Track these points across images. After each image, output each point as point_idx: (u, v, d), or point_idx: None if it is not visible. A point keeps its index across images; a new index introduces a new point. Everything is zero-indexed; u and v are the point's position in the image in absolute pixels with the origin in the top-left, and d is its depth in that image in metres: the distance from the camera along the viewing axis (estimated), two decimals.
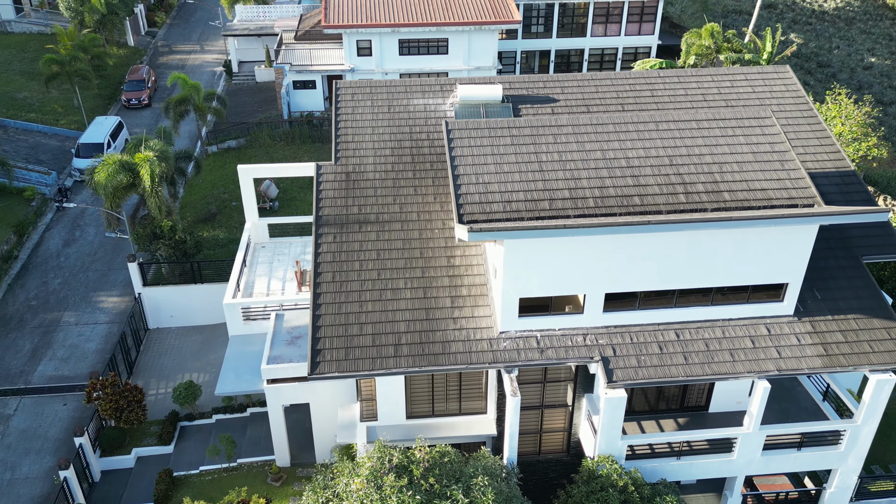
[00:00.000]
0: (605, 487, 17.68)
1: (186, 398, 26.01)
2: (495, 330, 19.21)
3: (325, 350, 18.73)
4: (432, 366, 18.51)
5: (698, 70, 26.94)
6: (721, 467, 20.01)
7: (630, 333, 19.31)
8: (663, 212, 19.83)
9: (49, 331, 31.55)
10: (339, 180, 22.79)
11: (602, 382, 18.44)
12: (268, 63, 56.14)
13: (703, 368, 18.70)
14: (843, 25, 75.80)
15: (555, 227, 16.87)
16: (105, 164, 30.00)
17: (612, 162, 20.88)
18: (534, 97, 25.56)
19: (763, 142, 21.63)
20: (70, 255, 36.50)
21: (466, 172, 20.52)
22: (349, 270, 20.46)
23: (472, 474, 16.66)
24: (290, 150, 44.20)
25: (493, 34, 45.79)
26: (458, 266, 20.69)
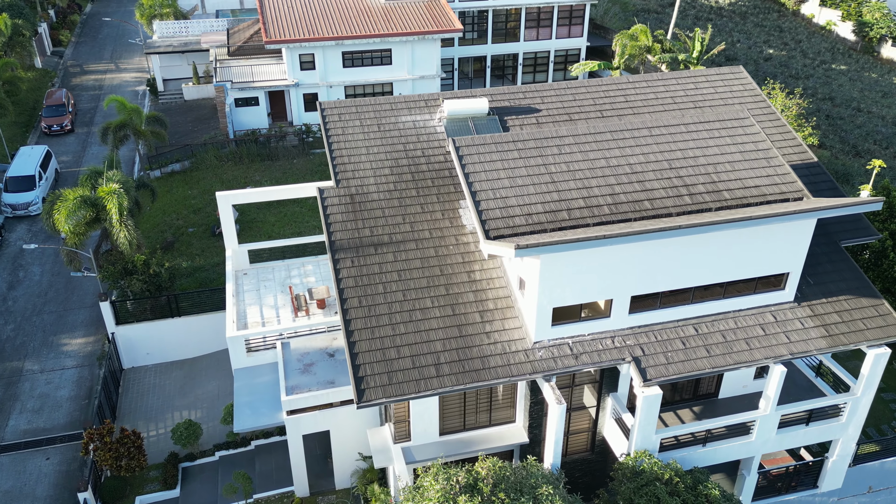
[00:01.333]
0: (652, 481, 18.50)
1: (188, 438, 25.02)
2: (528, 340, 19.64)
3: (367, 377, 18.58)
4: (475, 382, 18.74)
5: (663, 74, 28.36)
6: (741, 449, 21.31)
7: (653, 332, 20.24)
8: (673, 214, 20.94)
9: (12, 382, 29.40)
10: (344, 203, 22.57)
11: (637, 381, 19.25)
12: (195, 80, 54.29)
13: (725, 359, 19.87)
14: (739, 20, 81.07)
15: (595, 238, 17.47)
16: (63, 200, 28.27)
17: (617, 169, 21.79)
18: (517, 108, 26.16)
19: (747, 141, 23.14)
20: (18, 299, 34.08)
21: (483, 188, 20.88)
22: (374, 294, 20.35)
23: (534, 484, 17.03)
24: (240, 170, 42.96)
25: (436, 43, 46.19)
26: (479, 280, 20.99)
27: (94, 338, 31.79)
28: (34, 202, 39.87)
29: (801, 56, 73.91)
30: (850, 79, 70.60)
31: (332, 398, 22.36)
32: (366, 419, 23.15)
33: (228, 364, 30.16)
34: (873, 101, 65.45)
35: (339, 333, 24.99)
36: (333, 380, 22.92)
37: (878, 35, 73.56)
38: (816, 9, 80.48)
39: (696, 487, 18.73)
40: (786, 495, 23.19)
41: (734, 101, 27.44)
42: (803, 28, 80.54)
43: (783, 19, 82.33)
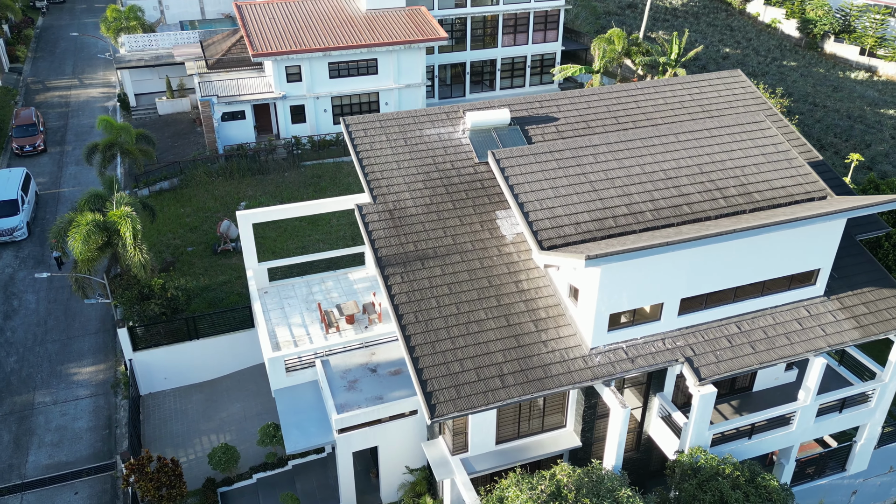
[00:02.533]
0: (714, 476, 19.20)
1: (227, 463, 24.63)
2: (585, 347, 20.11)
3: (436, 392, 18.73)
4: (540, 390, 19.10)
5: (668, 80, 29.26)
6: (783, 439, 22.26)
7: (700, 332, 20.97)
8: (711, 217, 21.74)
9: (25, 416, 28.35)
10: (384, 219, 22.62)
11: (692, 381, 19.93)
12: (169, 94, 53.18)
13: (769, 354, 20.74)
14: (693, 20, 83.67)
15: (661, 245, 18.03)
16: (77, 225, 27.43)
17: (653, 175, 22.49)
18: (536, 117, 26.65)
19: (767, 143, 24.16)
20: (16, 329, 32.82)
21: (529, 200, 21.28)
22: (428, 308, 20.50)
23: (610, 488, 17.49)
24: (231, 186, 42.27)
25: (421, 52, 46.37)
26: (527, 290, 21.36)
27: (105, 365, 30.90)
28: (19, 227, 38.42)
29: (754, 54, 76.68)
30: (801, 75, 73.56)
31: (383, 413, 22.39)
32: (413, 433, 23.25)
33: (250, 384, 29.82)
34: (826, 96, 68.41)
35: (377, 348, 25.01)
36: (381, 395, 22.95)
37: (822, 31, 76.87)
38: (761, 7, 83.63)
39: (753, 480, 19.51)
40: (818, 480, 24.29)
41: (738, 104, 28.50)
42: (751, 27, 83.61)
43: (731, 18, 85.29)
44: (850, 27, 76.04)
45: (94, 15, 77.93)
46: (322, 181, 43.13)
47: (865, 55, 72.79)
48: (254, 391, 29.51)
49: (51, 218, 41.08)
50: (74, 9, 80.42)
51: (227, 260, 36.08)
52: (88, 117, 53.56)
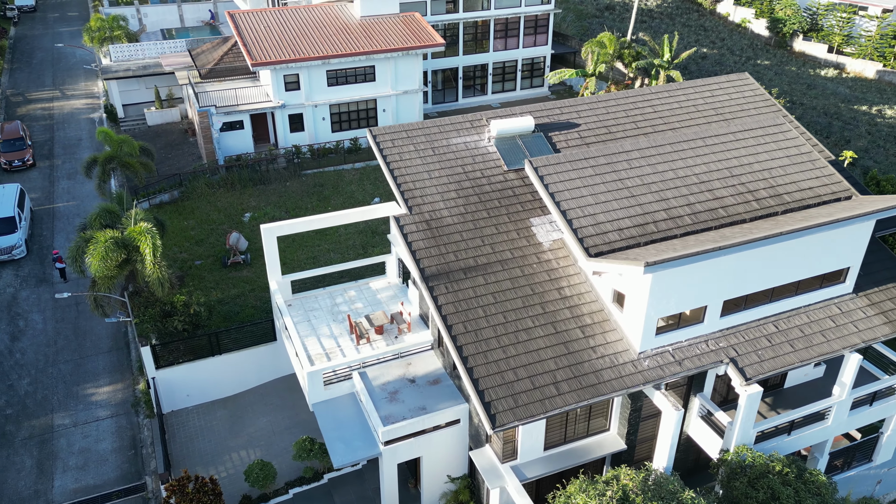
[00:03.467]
0: (765, 474, 19.64)
1: (265, 479, 24.37)
2: (633, 351, 20.40)
3: (494, 402, 18.83)
4: (595, 396, 19.33)
5: (680, 84, 29.77)
6: (819, 434, 22.84)
7: (741, 332, 21.42)
8: (746, 220, 22.23)
9: (45, 439, 27.67)
10: (422, 230, 22.65)
11: (738, 381, 20.35)
12: (158, 104, 52.35)
13: (808, 352, 21.28)
14: (669, 21, 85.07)
15: (715, 250, 18.39)
16: (95, 243, 26.87)
17: (686, 179, 22.91)
18: (558, 124, 26.92)
19: (790, 145, 24.78)
20: (26, 351, 32.01)
21: (571, 207, 21.51)
22: (476, 318, 20.59)
23: (673, 490, 17.79)
24: (234, 197, 41.77)
25: (418, 58, 46.40)
26: (570, 297, 21.58)
27: (122, 384, 30.31)
28: (17, 245, 37.47)
29: (729, 54, 78.21)
30: (775, 73, 75.25)
31: (427, 424, 22.40)
32: (454, 442, 23.29)
33: (274, 398, 29.54)
34: (802, 94, 70.09)
35: (413, 359, 25.01)
36: (424, 406, 22.95)
37: (791, 30, 78.76)
38: (731, 7, 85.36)
39: (801, 475, 20.01)
40: (847, 472, 24.96)
41: (749, 107, 29.13)
42: (723, 26, 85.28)
43: (703, 18, 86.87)
44: (818, 26, 78.02)
45: (67, 24, 76.30)
46: (325, 190, 42.87)
47: (833, 53, 74.72)
48: (279, 405, 29.24)
49: (48, 235, 40.15)
50: (46, 18, 78.61)
51: (237, 273, 35.66)
52: (75, 129, 52.45)
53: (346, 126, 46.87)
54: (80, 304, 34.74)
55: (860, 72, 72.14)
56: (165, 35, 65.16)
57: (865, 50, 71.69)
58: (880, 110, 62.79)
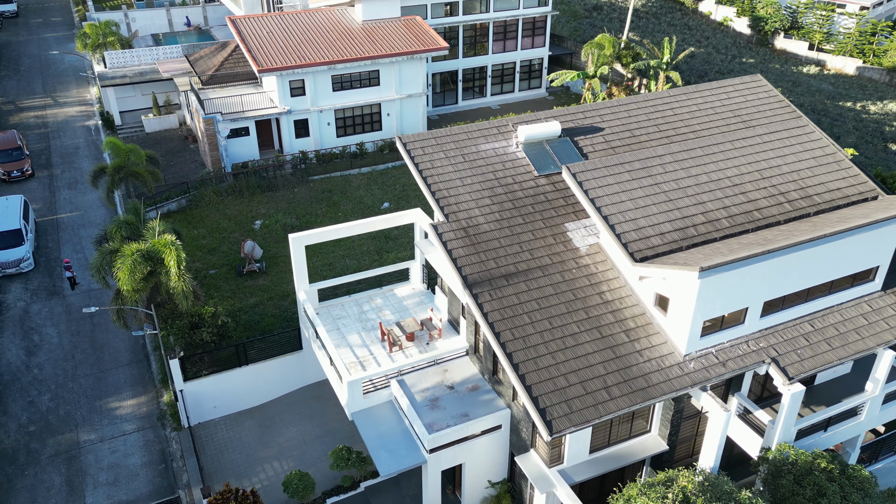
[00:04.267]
0: (810, 471, 20.05)
1: (305, 490, 24.30)
2: (678, 354, 20.70)
3: (548, 409, 18.99)
4: (646, 400, 19.58)
5: (696, 86, 30.14)
6: (853, 429, 23.36)
7: (779, 332, 21.82)
8: (781, 221, 22.66)
9: (72, 456, 27.28)
10: (460, 237, 22.75)
11: (781, 380, 20.74)
12: (156, 111, 51.75)
13: (845, 350, 21.75)
14: (654, 20, 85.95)
15: (763, 253, 18.74)
16: (123, 256, 26.55)
17: (719, 182, 23.27)
18: (582, 128, 27.16)
19: (815, 147, 25.28)
20: (43, 366, 31.51)
21: (612, 213, 21.76)
22: (522, 325, 20.74)
23: (728, 490, 18.11)
24: (242, 204, 41.44)
25: (422, 62, 46.42)
26: (611, 301, 21.83)
27: (146, 397, 29.99)
28: (25, 258, 36.84)
29: (715, 52, 79.21)
30: (760, 71, 76.34)
31: (471, 430, 22.51)
32: (495, 448, 23.44)
33: (301, 408, 29.44)
34: (789, 91, 71.22)
35: (448, 365, 25.10)
36: (466, 412, 23.07)
37: (772, 28, 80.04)
38: (713, 6, 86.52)
39: (844, 471, 20.46)
40: (874, 464, 25.55)
41: (765, 108, 29.61)
42: (706, 25, 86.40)
43: (687, 17, 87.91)
44: (798, 24, 79.43)
45: (52, 30, 75.04)
46: (333, 195, 42.72)
47: (814, 50, 76.02)
48: (307, 414, 29.16)
49: (53, 247, 39.52)
50: (29, 24, 77.22)
51: (253, 281, 35.42)
52: (71, 138, 51.65)
53: (351, 131, 46.75)
54: (94, 316, 34.29)
55: (840, 68, 73.49)
56: (157, 40, 64.42)
57: (845, 47, 73.06)
58: (864, 106, 64.05)
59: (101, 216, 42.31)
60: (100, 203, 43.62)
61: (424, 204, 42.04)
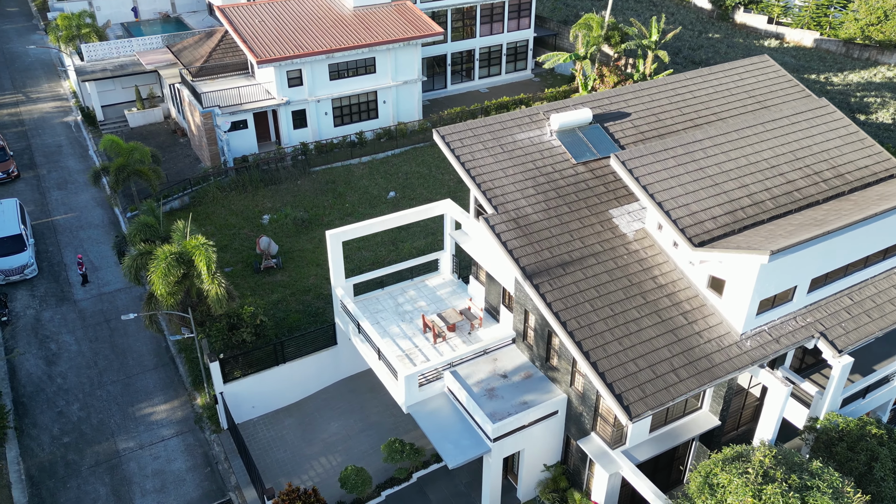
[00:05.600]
0: (862, 437, 21.14)
1: (363, 485, 24.47)
2: (735, 333, 21.45)
3: (624, 394, 19.54)
4: (713, 379, 20.29)
5: (710, 69, 30.83)
6: (886, 395, 24.62)
7: (822, 307, 22.77)
8: (820, 201, 23.54)
9: (114, 465, 26.84)
10: (511, 228, 23.00)
11: (830, 353, 21.71)
12: (140, 105, 50.28)
13: (884, 320, 22.85)
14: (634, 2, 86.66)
15: (827, 233, 19.49)
16: (157, 260, 26.01)
17: (758, 165, 24.01)
18: (610, 114, 27.61)
19: (838, 126, 26.23)
20: (66, 375, 30.74)
21: (665, 199, 22.27)
22: (586, 313, 21.19)
23: (799, 462, 18.98)
24: (247, 199, 40.80)
25: (417, 47, 46.11)
26: (665, 285, 22.43)
27: (178, 401, 29.59)
28: (29, 264, 35.68)
29: (683, 29, 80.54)
30: (727, 46, 77.87)
31: (532, 417, 22.98)
32: (550, 433, 23.96)
33: (338, 402, 29.48)
34: None
35: (498, 354, 25.44)
36: (524, 400, 23.50)
37: (733, 3, 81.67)
38: None
39: (892, 436, 21.63)
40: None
41: (777, 89, 30.49)
42: (669, 2, 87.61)
43: None
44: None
45: (10, 21, 71.82)
46: (337, 186, 42.38)
47: (773, 24, 77.79)
48: (346, 408, 29.22)
49: (54, 250, 38.34)
50: None
51: (271, 278, 35.09)
52: (51, 135, 49.86)
53: (348, 120, 46.30)
54: (111, 321, 33.54)
55: (799, 41, 75.33)
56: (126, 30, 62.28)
57: (802, 20, 74.89)
58: (827, 78, 65.92)
59: (98, 217, 41.14)
60: (95, 203, 42.39)
61: (429, 192, 42.11)
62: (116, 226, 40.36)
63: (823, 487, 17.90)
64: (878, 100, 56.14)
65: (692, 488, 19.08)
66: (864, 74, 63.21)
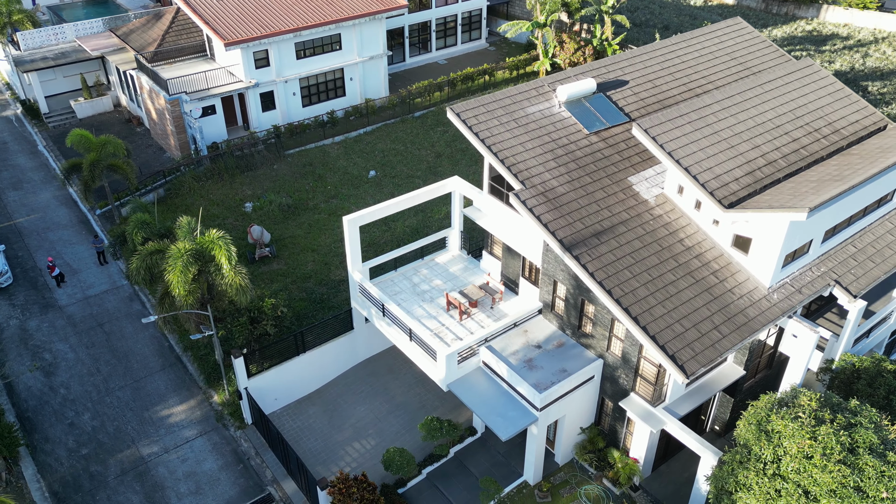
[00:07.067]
0: (880, 373, 22.90)
1: (409, 465, 24.76)
2: (762, 288, 22.69)
3: (677, 354, 20.46)
4: (751, 333, 21.46)
5: (692, 33, 31.87)
6: (885, 333, 26.63)
7: (831, 257, 24.31)
8: (824, 157, 24.95)
9: (141, 472, 26.08)
10: (542, 202, 23.42)
11: (846, 298, 23.31)
12: (87, 94, 47.61)
13: (886, 264, 24.60)
14: None
15: (855, 185, 20.75)
16: (172, 259, 25.09)
17: (765, 126, 25.18)
18: (610, 83, 28.24)
19: (826, 84, 27.71)
20: (69, 385, 29.42)
21: (691, 164, 23.12)
22: (627, 280, 21.93)
23: (837, 402, 20.46)
24: (225, 187, 39.55)
25: (382, 22, 45.34)
26: (692, 247, 23.42)
27: (195, 400, 28.87)
28: (3, 272, 33.65)
29: None
30: (660, 6, 79.62)
31: (573, 384, 23.73)
32: (587, 397, 24.82)
33: (360, 386, 29.50)
34: (691, 26, 75.22)
35: (528, 325, 25.97)
36: (564, 368, 24.19)
37: None
38: None
39: None
40: None
41: (754, 50, 31.82)
42: None
43: None
44: None
45: None
46: (315, 168, 41.60)
47: None
48: (368, 392, 29.26)
49: (24, 255, 36.25)
50: None
51: (267, 267, 34.39)
52: None
53: (316, 99, 45.29)
54: (104, 324, 32.19)
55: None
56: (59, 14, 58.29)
57: None
58: None
59: (64, 216, 39.05)
60: (57, 202, 40.17)
61: (410, 169, 41.94)
62: (86, 224, 38.45)
63: (865, 423, 19.39)
64: (803, 53, 58.94)
65: (745, 436, 20.26)
66: (786, 29, 66.06)
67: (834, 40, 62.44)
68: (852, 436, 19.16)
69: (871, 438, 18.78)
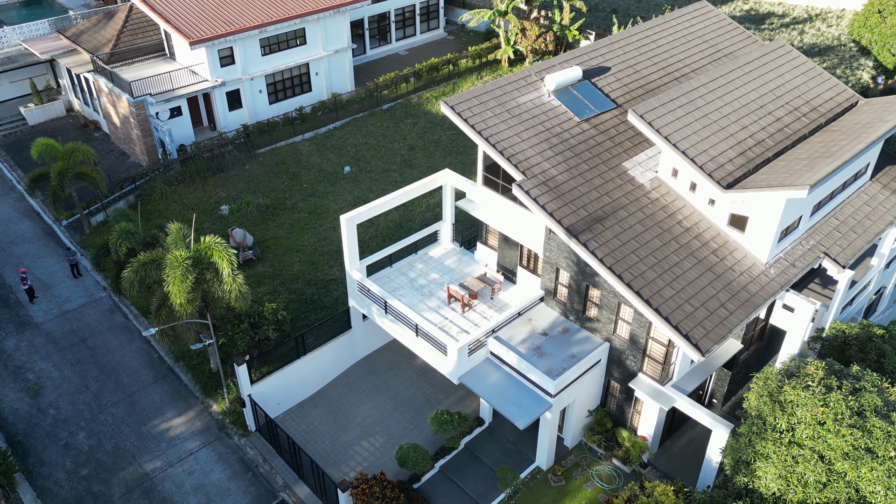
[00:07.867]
0: (869, 339, 24.10)
1: (424, 461, 24.82)
2: (760, 264, 23.55)
3: (691, 333, 21.07)
4: (755, 308, 22.28)
5: (660, 19, 32.59)
6: (864, 300, 27.97)
7: (817, 231, 25.37)
8: (806, 135, 25.95)
9: (147, 488, 25.39)
10: (544, 191, 23.71)
11: (835, 269, 24.39)
12: (37, 100, 45.58)
13: (867, 234, 25.78)
14: None
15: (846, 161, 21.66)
16: (170, 268, 24.35)
17: (749, 107, 26.03)
18: (594, 69, 28.72)
19: (799, 64, 28.78)
20: (58, 405, 28.33)
21: (687, 147, 23.74)
22: (634, 263, 22.44)
23: (839, 369, 21.47)
24: (198, 191, 38.50)
25: (345, 15, 44.71)
26: (690, 228, 24.10)
27: (193, 411, 28.22)
28: None
29: None
30: None
31: (583, 368, 24.19)
32: (595, 380, 25.34)
33: (361, 384, 29.37)
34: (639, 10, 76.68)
35: (532, 313, 26.28)
36: (572, 354, 24.61)
37: None
38: None
39: (891, 334, 24.79)
40: None
41: (722, 32, 32.78)
42: None
43: None
44: None
45: None
46: (289, 166, 40.89)
47: None
48: (370, 390, 29.15)
49: None
50: None
51: (252, 270, 33.74)
52: None
53: (283, 96, 44.45)
54: (87, 339, 31.07)
55: None
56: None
57: None
58: None
59: (27, 229, 37.40)
60: (18, 214, 38.44)
61: (385, 163, 41.68)
62: (53, 236, 36.92)
63: (869, 387, 20.42)
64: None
65: (757, 407, 21.07)
66: (725, 10, 67.86)
67: (771, 19, 64.46)
68: (859, 400, 20.16)
69: (876, 401, 19.77)
